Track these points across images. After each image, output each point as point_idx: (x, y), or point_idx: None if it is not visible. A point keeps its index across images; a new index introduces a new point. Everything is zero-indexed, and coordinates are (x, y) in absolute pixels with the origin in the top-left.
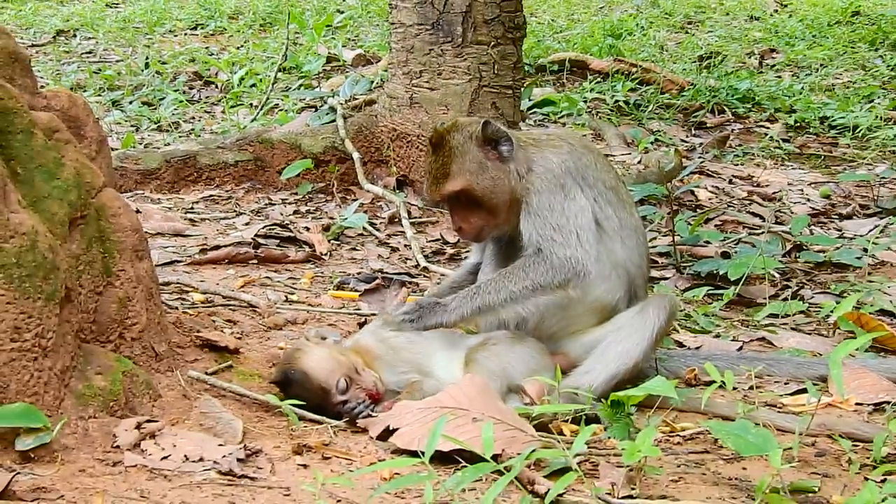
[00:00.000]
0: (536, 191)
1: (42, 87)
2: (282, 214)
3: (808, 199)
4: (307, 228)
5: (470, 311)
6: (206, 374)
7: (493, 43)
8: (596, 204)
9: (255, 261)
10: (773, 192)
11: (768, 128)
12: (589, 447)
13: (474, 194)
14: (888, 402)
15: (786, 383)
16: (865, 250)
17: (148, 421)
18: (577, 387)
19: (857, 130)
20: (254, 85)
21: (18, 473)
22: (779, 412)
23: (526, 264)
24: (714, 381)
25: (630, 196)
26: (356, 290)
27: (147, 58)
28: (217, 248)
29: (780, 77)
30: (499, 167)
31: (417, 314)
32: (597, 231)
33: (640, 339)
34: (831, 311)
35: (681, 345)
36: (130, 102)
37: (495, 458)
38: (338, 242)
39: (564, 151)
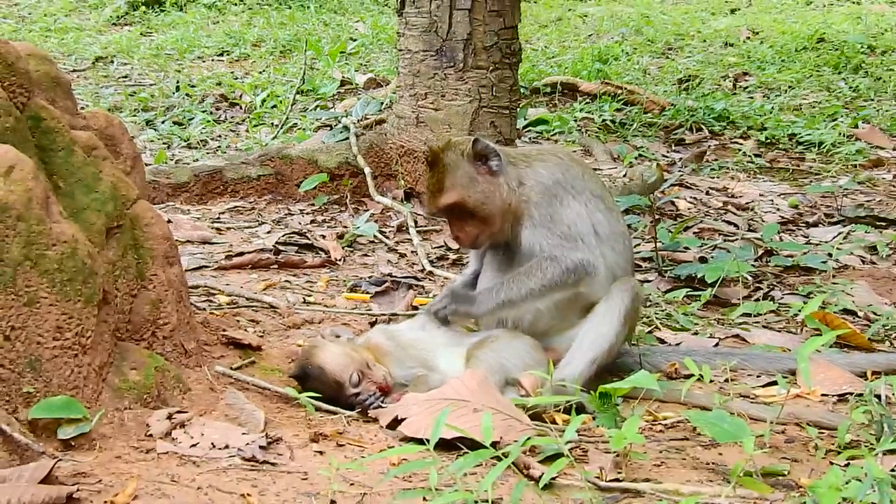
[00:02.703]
0: (535, 204)
1: (82, 108)
2: (300, 223)
3: (778, 209)
4: (323, 236)
5: (494, 304)
6: (232, 369)
7: (491, 67)
8: (587, 209)
9: (276, 266)
10: (746, 203)
11: (741, 144)
12: (579, 435)
13: (467, 206)
14: (851, 393)
15: (758, 376)
16: (830, 255)
17: (178, 412)
18: (562, 378)
19: (823, 146)
20: (274, 106)
21: (60, 460)
22: (752, 402)
23: (543, 266)
24: (693, 375)
25: (616, 204)
26: (368, 293)
27: (178, 82)
28: (241, 254)
29: (752, 98)
30: (489, 181)
31: (449, 300)
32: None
33: (610, 322)
34: (799, 311)
35: (662, 341)
36: (162, 122)
37: (494, 445)
38: (351, 249)
39: (553, 164)
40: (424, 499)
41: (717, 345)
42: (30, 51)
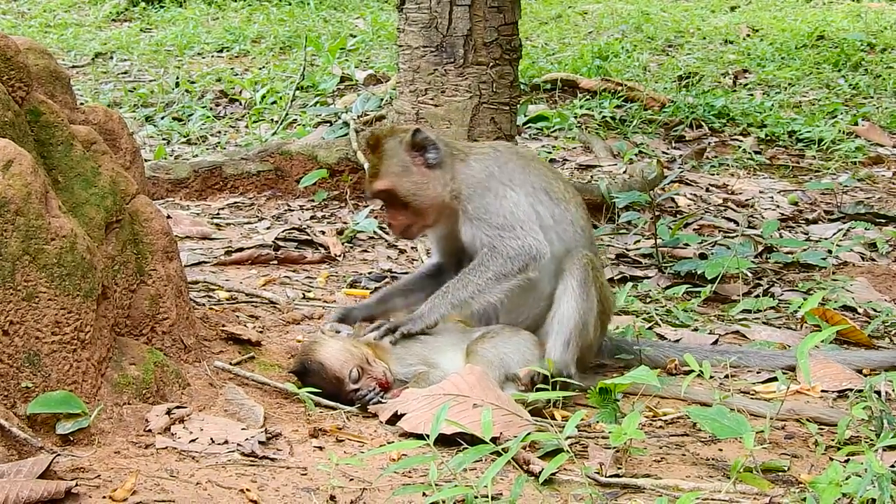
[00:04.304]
0: (467, 198)
1: (81, 104)
2: (300, 219)
3: (778, 206)
4: (323, 232)
5: (445, 309)
6: (231, 364)
7: (491, 64)
8: (528, 200)
9: (276, 262)
10: (746, 200)
11: (741, 141)
12: (579, 430)
13: (398, 195)
14: (851, 390)
15: (758, 372)
16: (830, 252)
17: (177, 407)
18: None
19: (822, 143)
20: (274, 102)
21: (59, 455)
22: (751, 399)
23: (485, 260)
24: (693, 371)
25: (568, 194)
26: (367, 288)
27: (177, 78)
28: (241, 250)
29: (752, 95)
30: (424, 173)
31: (399, 331)
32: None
33: (568, 301)
34: (799, 307)
35: (662, 337)
36: (162, 118)
37: (494, 440)
38: (350, 245)
39: (489, 158)
40: (424, 494)
41: (716, 341)
42: (29, 45)
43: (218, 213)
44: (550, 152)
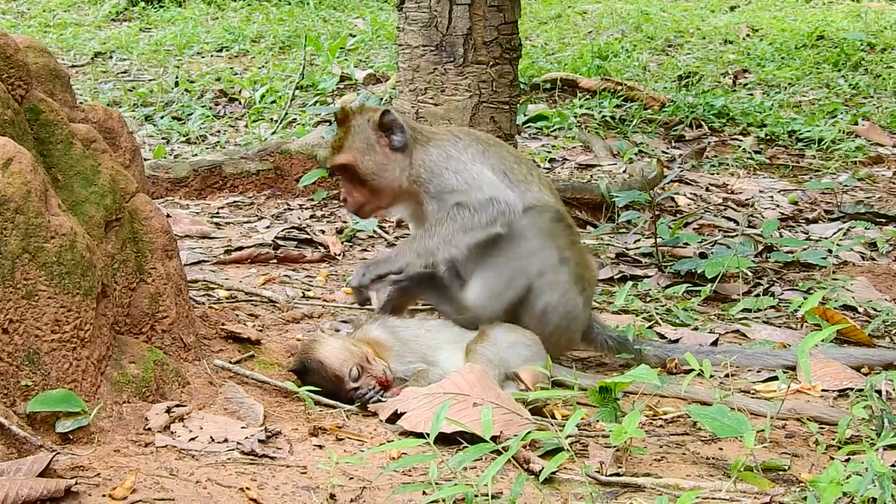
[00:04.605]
0: (427, 181)
1: (81, 103)
2: (299, 219)
3: (778, 205)
4: (322, 231)
5: (411, 256)
6: (231, 363)
7: (491, 63)
8: (490, 172)
9: (275, 261)
10: (746, 199)
11: (741, 141)
12: (579, 429)
13: (357, 171)
14: (851, 389)
15: (758, 371)
16: (830, 251)
17: (177, 405)
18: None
19: (822, 143)
20: (274, 101)
21: (59, 453)
22: (752, 398)
23: (452, 212)
24: (693, 370)
25: (531, 176)
26: None
27: (177, 77)
28: (240, 249)
29: (752, 95)
30: (387, 154)
31: (364, 271)
32: None
33: (511, 256)
34: (799, 306)
35: (662, 336)
36: (161, 117)
37: (494, 439)
38: (350, 244)
39: (447, 143)
40: (424, 493)
41: (716, 341)
42: (28, 43)
43: (217, 212)
44: (550, 152)
